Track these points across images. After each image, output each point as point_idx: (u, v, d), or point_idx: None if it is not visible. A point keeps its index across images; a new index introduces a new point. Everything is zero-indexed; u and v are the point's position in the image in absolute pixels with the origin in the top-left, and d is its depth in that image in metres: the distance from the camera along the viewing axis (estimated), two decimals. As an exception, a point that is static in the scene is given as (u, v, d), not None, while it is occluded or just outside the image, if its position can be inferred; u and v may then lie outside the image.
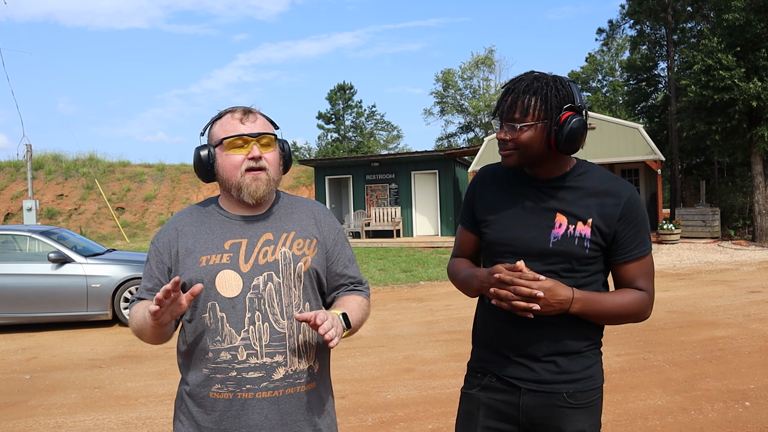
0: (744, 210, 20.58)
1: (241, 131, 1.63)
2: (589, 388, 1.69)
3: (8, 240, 8.65)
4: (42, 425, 4.48)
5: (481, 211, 1.79)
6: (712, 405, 4.39)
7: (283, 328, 1.62)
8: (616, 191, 1.66)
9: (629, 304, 1.65)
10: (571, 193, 1.68)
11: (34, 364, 6.44)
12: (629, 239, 1.65)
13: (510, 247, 1.69)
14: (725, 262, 13.26)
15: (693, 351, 5.90)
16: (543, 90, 1.59)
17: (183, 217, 1.73)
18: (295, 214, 1.76)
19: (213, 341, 1.60)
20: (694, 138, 19.63)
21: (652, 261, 1.70)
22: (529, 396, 1.68)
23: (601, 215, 1.64)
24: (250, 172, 1.63)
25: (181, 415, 1.67)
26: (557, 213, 1.66)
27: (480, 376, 1.79)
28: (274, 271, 1.64)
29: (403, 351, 6.34)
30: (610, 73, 45.44)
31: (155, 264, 1.69)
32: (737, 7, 16.73)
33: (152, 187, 27.65)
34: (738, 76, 16.07)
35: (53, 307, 8.01)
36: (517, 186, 1.74)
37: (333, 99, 49.29)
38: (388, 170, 21.09)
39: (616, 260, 1.68)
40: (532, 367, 1.68)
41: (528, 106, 1.59)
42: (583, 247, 1.64)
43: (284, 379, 1.61)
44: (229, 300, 1.60)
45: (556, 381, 1.67)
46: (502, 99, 1.65)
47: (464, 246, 1.90)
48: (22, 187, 25.88)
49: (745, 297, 8.89)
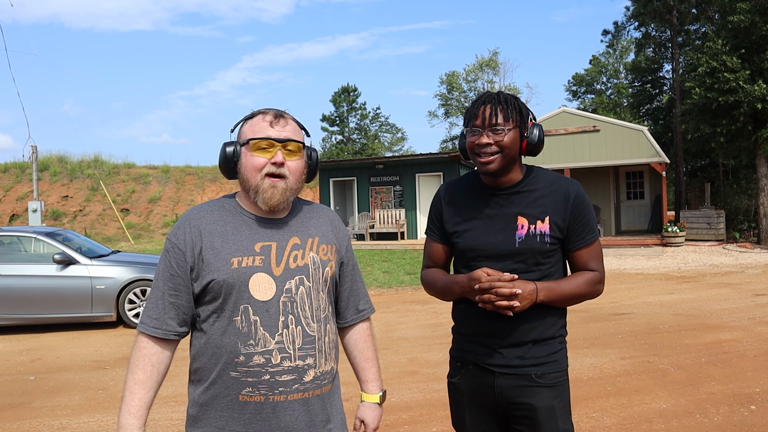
0: (749, 212, 20.49)
1: (268, 134, 1.63)
2: (555, 370, 1.91)
3: (13, 241, 8.67)
4: (46, 426, 4.49)
5: (451, 224, 2.00)
6: (717, 409, 4.37)
7: (314, 331, 1.65)
8: (565, 189, 1.92)
9: (584, 283, 1.91)
10: (527, 197, 1.92)
11: (38, 365, 6.45)
12: (580, 229, 1.91)
13: (482, 251, 1.92)
14: (730, 265, 13.21)
15: (698, 354, 5.88)
16: (514, 101, 1.89)
17: (204, 214, 1.67)
18: (314, 219, 1.78)
19: (245, 345, 1.58)
20: (699, 140, 19.55)
21: (599, 245, 1.97)
22: (502, 378, 1.91)
23: (555, 212, 1.89)
24: (269, 177, 1.62)
25: (199, 421, 1.63)
26: (518, 216, 1.90)
27: (460, 365, 2.02)
28: (305, 275, 1.66)
29: (407, 353, 6.33)
30: (614, 75, 45.38)
31: (176, 262, 1.63)
32: (742, 9, 16.67)
33: (157, 189, 27.71)
34: (743, 78, 16.01)
35: (58, 308, 8.03)
36: (480, 197, 1.97)
37: (337, 101, 49.31)
38: (392, 172, 21.09)
39: (570, 248, 1.94)
40: (504, 353, 1.90)
41: (507, 113, 1.85)
42: (544, 243, 1.88)
43: (313, 380, 1.64)
44: (262, 303, 1.59)
45: (524, 365, 1.89)
46: (477, 109, 1.87)
47: (435, 256, 2.10)
48: (27, 189, 25.97)
49: (750, 300, 8.85)
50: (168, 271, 1.64)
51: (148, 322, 1.64)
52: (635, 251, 16.12)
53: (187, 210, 1.75)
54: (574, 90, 47.60)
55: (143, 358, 1.62)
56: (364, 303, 1.92)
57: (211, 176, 29.01)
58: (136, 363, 1.62)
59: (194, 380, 1.68)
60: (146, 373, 1.61)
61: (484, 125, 1.85)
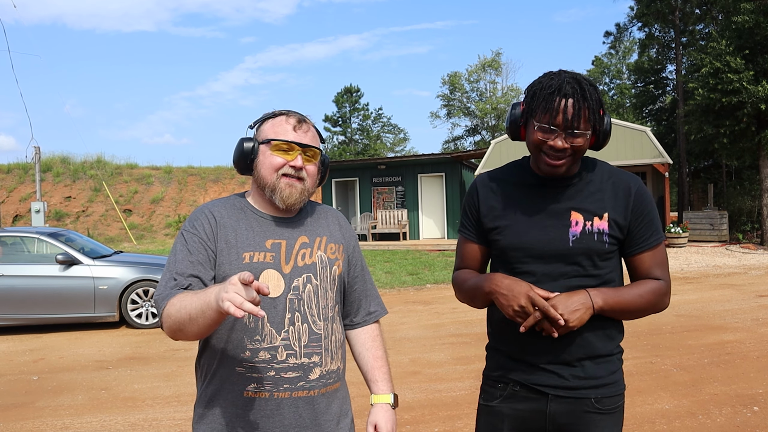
0: (752, 213, 20.45)
1: (292, 138, 1.65)
2: (615, 393, 1.67)
3: (17, 242, 8.70)
4: (49, 426, 4.50)
5: (490, 219, 1.73)
6: (720, 409, 4.36)
7: (320, 329, 1.65)
8: (626, 183, 1.67)
9: (648, 293, 1.64)
10: (581, 190, 1.67)
11: (41, 365, 6.47)
12: (643, 229, 1.66)
13: (528, 251, 1.66)
14: (733, 266, 13.18)
15: (701, 355, 5.87)
16: (593, 95, 1.58)
17: (219, 208, 1.68)
18: (322, 219, 1.79)
19: (251, 340, 1.58)
20: (702, 141, 19.55)
21: (665, 249, 1.70)
22: (557, 402, 1.65)
23: (615, 208, 1.64)
24: (286, 177, 1.64)
25: (205, 417, 1.64)
26: (572, 211, 1.65)
27: (501, 386, 1.73)
28: (313, 274, 1.67)
29: (409, 354, 6.33)
30: (617, 75, 45.34)
31: (198, 248, 1.58)
32: (746, 9, 16.66)
33: (159, 190, 27.75)
34: (746, 79, 15.99)
35: (61, 308, 8.05)
36: (524, 189, 1.71)
37: (340, 102, 49.36)
38: (394, 173, 21.10)
39: (631, 251, 1.68)
40: (560, 373, 1.64)
41: (589, 114, 1.57)
42: (602, 242, 1.63)
43: (319, 379, 1.64)
44: (271, 300, 1.60)
45: (584, 386, 1.64)
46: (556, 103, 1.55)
47: (469, 258, 1.83)
48: (30, 189, 26.03)
49: (753, 301, 8.83)
50: (187, 258, 1.58)
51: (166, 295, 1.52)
52: (638, 252, 16.09)
53: (202, 204, 1.76)
54: (577, 91, 47.51)
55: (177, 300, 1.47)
56: (376, 305, 1.92)
57: (214, 177, 29.05)
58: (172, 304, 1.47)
59: (201, 376, 1.69)
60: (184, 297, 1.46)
61: (560, 125, 1.56)
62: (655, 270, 1.67)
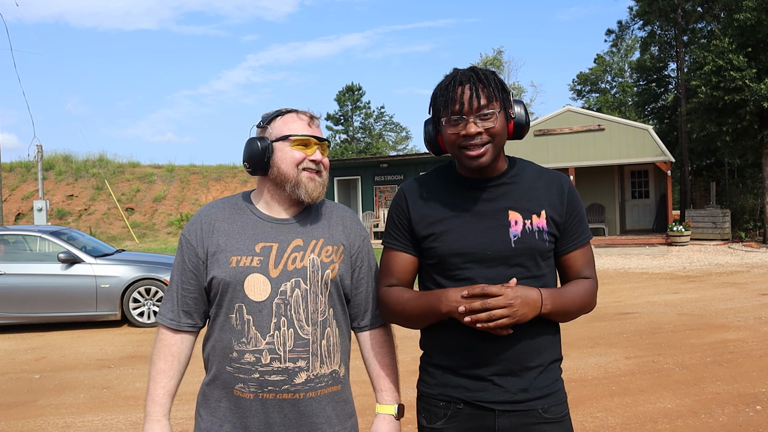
0: (755, 212, 20.40)
1: (309, 132, 1.69)
2: (560, 401, 1.63)
3: (19, 240, 8.71)
4: (51, 425, 4.50)
5: (423, 226, 1.64)
6: (722, 409, 4.35)
7: (308, 335, 1.64)
8: (557, 180, 1.66)
9: (585, 294, 1.63)
10: (515, 189, 1.62)
11: (43, 363, 6.47)
12: (575, 226, 1.65)
13: (469, 255, 1.58)
14: (736, 265, 13.15)
15: (703, 354, 5.86)
16: (490, 76, 1.55)
17: (216, 211, 1.73)
18: (324, 220, 1.77)
19: (238, 342, 1.62)
20: (705, 139, 19.49)
21: (591, 247, 1.71)
22: (505, 417, 1.57)
23: (551, 205, 1.62)
24: (307, 171, 1.67)
25: (202, 409, 1.69)
26: (509, 210, 1.60)
27: (444, 404, 1.63)
28: (302, 278, 1.65)
29: (411, 352, 6.29)
30: (619, 74, 45.23)
31: (188, 257, 1.70)
32: (748, 7, 16.61)
33: (161, 188, 27.77)
34: (749, 77, 15.95)
35: (63, 307, 8.05)
36: (456, 192, 1.64)
37: (342, 100, 49.33)
38: (396, 171, 21.09)
39: (564, 249, 1.65)
40: (505, 386, 1.57)
41: (491, 92, 1.52)
42: (543, 241, 1.59)
43: (306, 383, 1.63)
44: (256, 303, 1.62)
45: (530, 398, 1.58)
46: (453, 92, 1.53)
47: (400, 271, 1.69)
48: (32, 188, 26.07)
49: (756, 299, 8.81)
50: (181, 266, 1.71)
51: (165, 314, 1.72)
52: (640, 250, 16.07)
53: (203, 206, 1.80)
54: (579, 89, 47.45)
55: (163, 348, 1.70)
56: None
57: (216, 175, 29.07)
58: (157, 354, 1.70)
59: (205, 367, 1.74)
60: (167, 362, 1.69)
61: (465, 111, 1.52)
62: (586, 269, 1.66)
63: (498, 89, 1.54)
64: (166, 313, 1.71)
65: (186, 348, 1.72)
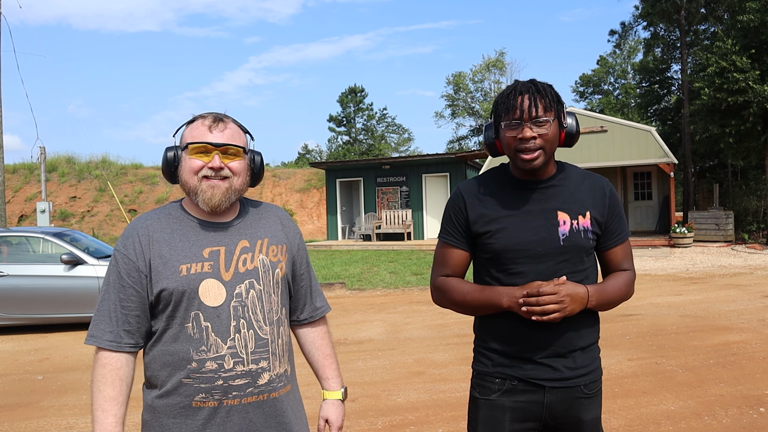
0: (758, 213, 20.35)
1: (207, 139, 1.62)
2: (598, 377, 1.86)
3: (22, 242, 8.73)
4: (54, 426, 4.51)
5: (481, 224, 1.81)
6: (726, 411, 4.34)
7: (266, 334, 1.64)
8: (599, 184, 1.85)
9: (624, 285, 1.84)
10: (563, 191, 1.81)
11: (46, 365, 6.48)
12: (616, 225, 1.84)
13: (522, 252, 1.76)
14: (739, 266, 13.12)
15: (706, 356, 5.84)
16: (548, 89, 1.74)
17: (150, 222, 1.66)
18: (263, 220, 1.77)
19: (197, 351, 1.57)
20: (708, 141, 19.45)
21: (630, 243, 1.91)
22: (553, 393, 1.78)
23: (594, 207, 1.81)
24: (207, 179, 1.62)
25: (152, 428, 1.62)
26: (558, 211, 1.78)
27: (500, 381, 1.82)
28: (255, 279, 1.65)
29: (413, 354, 6.32)
30: (622, 75, 45.20)
31: (126, 273, 1.60)
32: (752, 8, 16.59)
33: (164, 190, 27.82)
34: (752, 79, 15.92)
35: (66, 308, 8.06)
36: (509, 193, 1.82)
37: (344, 102, 49.38)
38: (399, 173, 21.10)
39: (605, 246, 1.85)
40: (554, 365, 1.77)
41: (546, 103, 1.71)
42: (588, 239, 1.79)
43: (268, 383, 1.63)
44: (213, 309, 1.59)
45: (575, 376, 1.79)
46: (514, 100, 1.72)
47: (455, 264, 1.88)
48: (35, 189, 26.13)
49: (759, 301, 8.78)
50: (118, 282, 1.61)
51: (101, 336, 1.61)
52: (643, 252, 16.04)
53: (133, 219, 1.74)
54: (582, 90, 47.45)
55: (109, 373, 1.59)
56: (321, 301, 1.92)
57: (219, 177, 29.08)
58: (102, 379, 1.58)
59: (148, 386, 1.67)
60: (116, 388, 1.58)
61: (524, 117, 1.70)
62: (625, 262, 1.87)
63: (553, 101, 1.73)
64: (103, 335, 1.60)
65: (131, 370, 1.62)
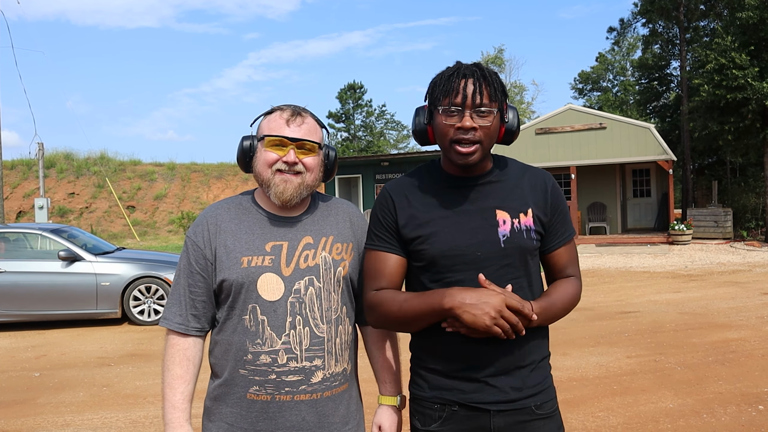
0: (757, 210, 20.35)
1: (283, 133, 1.62)
2: (551, 397, 1.64)
3: (19, 238, 8.71)
4: (50, 423, 4.49)
5: (411, 228, 1.59)
6: (724, 408, 4.33)
7: (323, 333, 1.63)
8: (541, 178, 1.65)
9: (571, 296, 1.63)
10: (501, 187, 1.61)
11: (43, 361, 6.47)
12: (559, 224, 1.64)
13: (459, 257, 1.54)
14: (738, 263, 13.12)
15: (705, 353, 5.83)
16: (494, 76, 1.53)
17: (221, 211, 1.69)
18: (331, 217, 1.75)
19: (253, 344, 1.59)
20: (707, 138, 19.44)
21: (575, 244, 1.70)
22: (500, 417, 1.56)
23: (536, 204, 1.61)
24: (280, 173, 1.62)
25: (212, 414, 1.66)
26: (496, 209, 1.58)
27: (438, 407, 1.60)
28: (315, 276, 1.64)
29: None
30: (621, 72, 45.16)
31: (194, 259, 1.66)
32: (751, 5, 16.55)
33: (163, 186, 27.78)
34: (751, 76, 15.89)
35: (63, 304, 8.04)
36: (442, 192, 1.61)
37: (343, 98, 49.29)
38: (398, 170, 21.08)
39: (549, 247, 1.65)
40: (499, 386, 1.56)
41: (492, 92, 1.51)
42: (531, 239, 1.58)
43: (322, 382, 1.62)
44: (270, 303, 1.60)
45: (523, 396, 1.58)
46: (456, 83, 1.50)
47: (391, 273, 1.62)
48: (33, 186, 26.08)
49: (758, 299, 8.78)
50: (188, 268, 1.67)
51: (172, 318, 1.66)
52: (642, 249, 16.04)
53: (207, 207, 1.78)
54: (581, 87, 47.38)
55: (177, 353, 1.65)
56: None
57: (217, 173, 29.06)
58: (171, 359, 1.65)
59: (211, 374, 1.71)
60: (183, 367, 1.64)
61: (466, 104, 1.49)
62: (571, 266, 1.66)
63: (499, 91, 1.53)
64: (173, 317, 1.66)
65: (199, 351, 1.68)
